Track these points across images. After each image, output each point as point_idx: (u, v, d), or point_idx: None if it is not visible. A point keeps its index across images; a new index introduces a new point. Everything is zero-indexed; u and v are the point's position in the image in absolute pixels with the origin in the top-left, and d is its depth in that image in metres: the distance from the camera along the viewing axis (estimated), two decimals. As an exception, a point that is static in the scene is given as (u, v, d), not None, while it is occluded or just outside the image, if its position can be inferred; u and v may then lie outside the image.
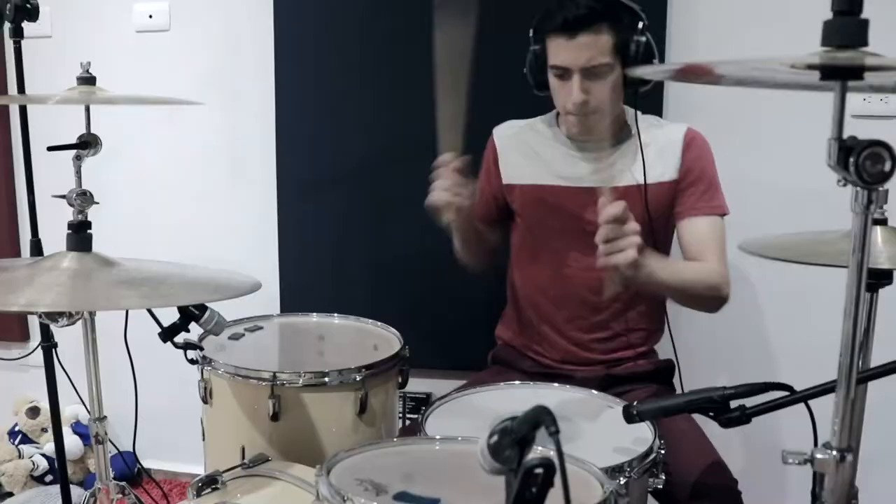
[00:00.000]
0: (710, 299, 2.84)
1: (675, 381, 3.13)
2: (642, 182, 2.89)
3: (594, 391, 2.68)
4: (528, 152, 3.08)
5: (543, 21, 2.81)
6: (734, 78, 1.82)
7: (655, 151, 2.90)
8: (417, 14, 2.99)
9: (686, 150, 2.89)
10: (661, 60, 3.45)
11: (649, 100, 3.37)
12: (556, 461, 1.25)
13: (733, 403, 2.01)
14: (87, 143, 2.48)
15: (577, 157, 2.98)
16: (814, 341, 3.26)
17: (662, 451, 2.29)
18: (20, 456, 4.32)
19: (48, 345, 3.24)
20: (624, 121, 2.96)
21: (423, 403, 3.98)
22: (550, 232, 3.04)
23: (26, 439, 4.41)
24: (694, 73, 1.86)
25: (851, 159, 1.41)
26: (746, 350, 3.78)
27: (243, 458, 2.60)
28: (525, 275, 3.17)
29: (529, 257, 3.14)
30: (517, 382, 2.82)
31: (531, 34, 2.90)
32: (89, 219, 2.23)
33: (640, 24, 2.76)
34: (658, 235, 2.93)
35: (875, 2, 1.58)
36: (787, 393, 1.99)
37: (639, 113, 2.96)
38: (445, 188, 2.66)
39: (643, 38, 2.75)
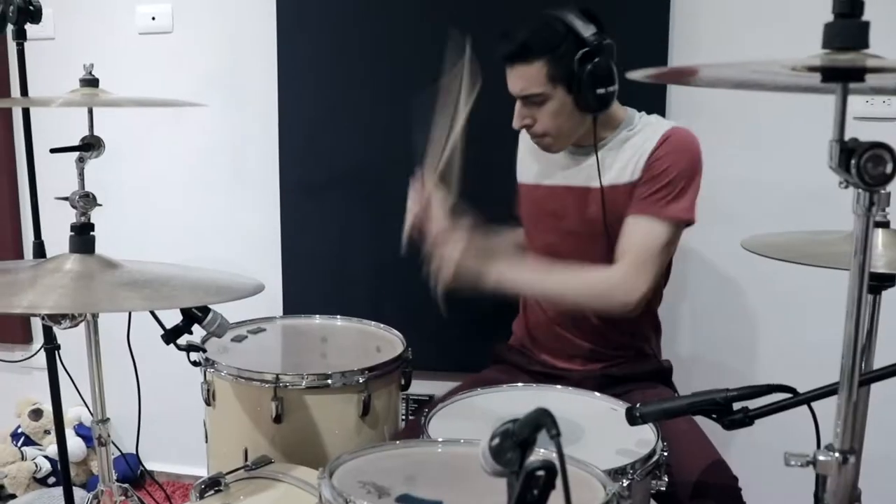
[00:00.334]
0: (598, 305, 2.85)
1: (676, 382, 3.13)
2: (618, 182, 2.89)
3: (596, 393, 2.68)
4: (533, 154, 3.11)
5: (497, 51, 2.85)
6: (735, 80, 1.82)
7: (632, 150, 2.87)
8: (420, 17, 3.01)
9: (656, 149, 2.82)
10: (665, 62, 3.46)
11: (652, 101, 3.37)
12: (558, 464, 1.25)
13: (736, 405, 2.02)
14: (90, 146, 2.49)
15: (568, 158, 3.00)
16: (815, 343, 3.27)
17: (665, 453, 2.30)
18: (23, 458, 4.32)
19: (51, 347, 3.24)
20: (616, 124, 2.94)
21: (425, 405, 3.98)
22: (541, 231, 3.08)
23: (29, 441, 4.41)
24: (679, 76, 1.86)
25: (853, 161, 1.41)
26: (748, 351, 3.77)
27: (246, 460, 2.60)
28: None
29: (529, 254, 3.15)
30: (519, 384, 2.82)
31: None
32: (92, 221, 2.24)
33: (582, 53, 2.70)
34: (614, 238, 2.92)
35: (876, 4, 1.58)
36: (789, 395, 2.00)
37: (641, 114, 2.96)
38: (417, 209, 2.87)
39: (586, 67, 2.69)
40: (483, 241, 2.86)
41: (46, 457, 4.34)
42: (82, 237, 2.16)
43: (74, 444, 4.30)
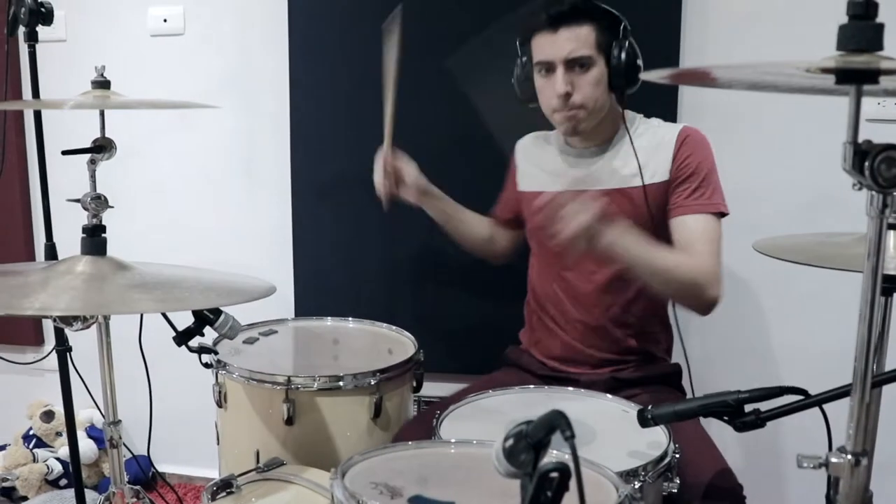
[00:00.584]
0: (691, 296, 2.80)
1: (687, 385, 3.13)
2: (637, 185, 2.91)
3: (608, 395, 2.68)
4: (537, 161, 3.15)
5: (528, 23, 2.88)
6: (748, 81, 1.81)
7: (649, 152, 2.92)
8: (431, 17, 3.01)
9: (679, 149, 2.89)
10: (676, 62, 3.46)
11: (663, 102, 3.38)
12: (572, 465, 1.25)
13: (748, 407, 2.01)
14: (102, 147, 2.49)
15: (574, 162, 3.03)
16: (828, 345, 3.26)
17: (677, 455, 2.29)
18: (35, 460, 4.32)
19: (63, 349, 3.24)
20: (619, 124, 2.98)
21: (437, 407, 3.98)
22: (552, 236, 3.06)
23: (41, 443, 4.42)
24: (694, 78, 1.86)
25: (867, 163, 1.41)
26: (759, 353, 3.77)
27: (258, 462, 2.61)
28: (535, 278, 3.21)
29: (538, 261, 3.18)
30: (531, 387, 2.82)
31: (518, 42, 2.98)
32: (104, 223, 2.24)
33: (622, 28, 2.81)
34: (653, 234, 2.92)
35: (890, 6, 1.58)
36: (801, 397, 1.99)
37: (639, 118, 3.00)
38: (384, 178, 2.99)
39: (625, 42, 2.80)
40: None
41: (58, 459, 4.35)
42: (94, 239, 2.17)
43: (86, 446, 4.30)
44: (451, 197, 3.17)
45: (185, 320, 2.31)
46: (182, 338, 2.32)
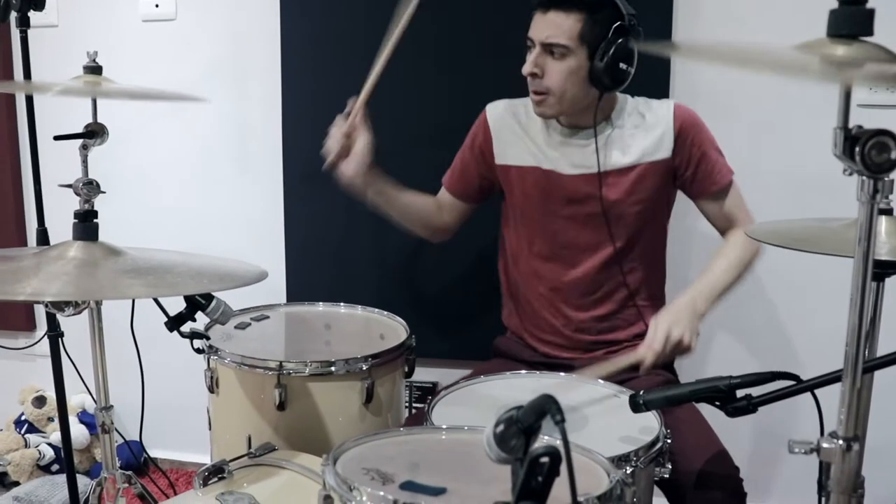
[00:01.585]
0: (752, 263, 2.96)
1: (680, 370, 3.13)
2: (626, 164, 2.96)
3: (600, 380, 2.68)
4: (520, 133, 3.11)
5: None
6: (739, 59, 1.81)
7: (644, 131, 2.95)
8: (424, 8, 2.99)
9: (680, 132, 2.93)
10: (668, 40, 3.46)
11: (656, 84, 3.38)
12: (562, 450, 1.25)
13: (739, 393, 2.02)
14: (94, 133, 2.49)
15: (565, 141, 3.02)
16: (819, 330, 3.27)
17: (669, 440, 2.30)
18: (26, 445, 4.33)
19: (54, 334, 3.25)
20: (611, 109, 2.99)
21: (429, 393, 3.99)
22: (545, 214, 3.06)
23: (32, 429, 4.42)
24: (689, 53, 1.86)
25: (857, 148, 1.41)
26: (752, 338, 3.77)
27: (249, 447, 2.60)
28: (520, 259, 3.18)
29: (525, 241, 3.15)
30: (523, 372, 2.82)
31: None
32: (95, 208, 2.24)
33: (617, 25, 2.78)
34: (647, 214, 3.01)
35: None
36: (793, 382, 2.00)
37: (629, 98, 3.02)
38: (342, 133, 3.00)
39: (616, 40, 2.77)
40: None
41: (50, 444, 4.35)
42: (86, 224, 2.16)
43: (78, 432, 4.31)
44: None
45: (176, 306, 2.30)
46: (174, 323, 2.31)
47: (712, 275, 2.88)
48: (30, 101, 3.22)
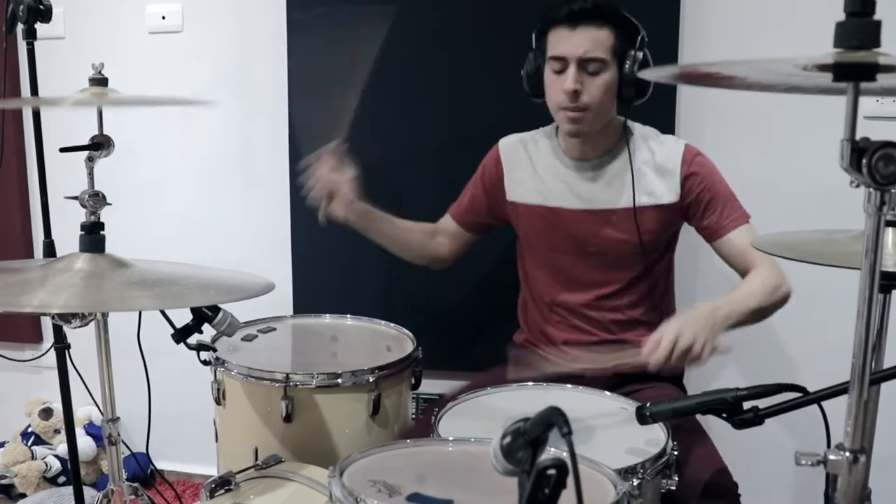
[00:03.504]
0: (779, 302, 2.84)
1: (688, 382, 3.13)
2: (629, 206, 2.94)
3: (607, 392, 2.68)
4: (530, 170, 3.11)
5: (549, 15, 2.86)
6: (746, 81, 1.81)
7: (653, 170, 2.94)
8: (429, 15, 3.01)
9: (689, 174, 2.91)
10: (675, 61, 3.45)
11: (662, 102, 3.38)
12: (569, 462, 1.25)
13: (746, 405, 2.02)
14: (100, 145, 2.48)
15: (573, 176, 3.02)
16: (826, 342, 3.26)
17: (675, 453, 2.29)
18: (33, 457, 4.33)
19: (61, 346, 3.25)
20: (619, 135, 2.99)
21: (435, 405, 3.98)
22: (553, 250, 3.08)
23: (39, 440, 4.42)
24: (696, 77, 1.86)
25: (864, 160, 1.41)
26: (760, 351, 3.77)
27: (256, 459, 2.61)
28: (531, 289, 3.21)
29: (534, 273, 3.18)
30: (529, 383, 2.81)
31: (534, 34, 2.94)
32: (102, 220, 2.24)
33: (640, 38, 2.81)
34: (651, 256, 3.00)
35: (887, 4, 1.58)
36: (799, 394, 1.99)
37: (636, 126, 3.02)
38: (320, 177, 2.95)
39: (641, 53, 2.80)
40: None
41: (56, 456, 4.35)
42: (92, 236, 2.16)
43: (84, 444, 4.30)
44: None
45: (183, 318, 2.31)
46: (180, 335, 2.32)
47: (739, 293, 2.82)
48: (36, 113, 3.22)
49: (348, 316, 3.33)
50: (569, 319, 3.08)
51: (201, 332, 2.34)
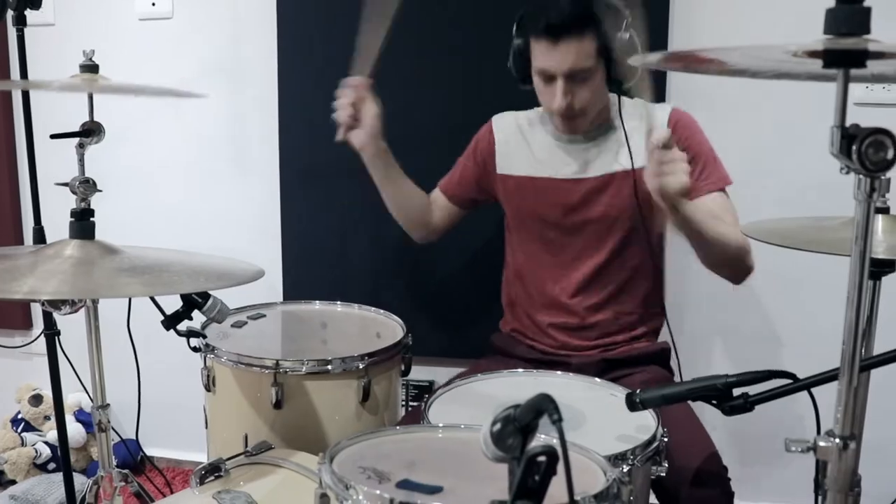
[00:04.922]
0: (738, 264, 2.82)
1: (676, 369, 3.13)
2: (629, 168, 2.94)
3: (597, 379, 2.68)
4: (522, 144, 3.12)
5: (527, 22, 2.85)
6: (736, 67, 1.81)
7: (641, 135, 2.91)
8: (423, 2, 3.00)
9: (673, 131, 2.84)
10: (665, 48, 3.45)
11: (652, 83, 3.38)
12: (559, 449, 1.25)
13: (736, 391, 2.02)
14: (90, 131, 2.48)
15: (566, 148, 3.03)
16: (815, 329, 3.27)
17: (665, 439, 2.29)
18: (23, 444, 4.32)
19: (51, 332, 3.24)
20: (610, 108, 3.00)
21: (425, 391, 3.99)
22: (541, 222, 3.08)
23: (29, 427, 4.41)
24: (686, 62, 1.86)
25: (854, 147, 1.41)
26: (749, 337, 3.77)
27: (246, 445, 2.60)
28: (518, 264, 3.20)
29: (522, 247, 3.18)
30: (520, 370, 2.81)
31: (514, 29, 2.92)
32: (92, 206, 2.24)
33: (623, 21, 2.75)
34: (648, 220, 2.98)
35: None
36: (790, 381, 2.00)
37: (624, 99, 3.01)
38: (348, 103, 2.91)
39: (626, 35, 2.74)
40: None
41: (46, 442, 4.34)
42: (82, 223, 2.16)
43: (74, 430, 4.30)
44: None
45: (173, 304, 2.31)
46: (170, 322, 2.32)
47: (713, 217, 2.74)
48: (26, 99, 3.21)
49: (338, 302, 3.32)
50: (558, 300, 3.08)
51: (191, 318, 2.34)
